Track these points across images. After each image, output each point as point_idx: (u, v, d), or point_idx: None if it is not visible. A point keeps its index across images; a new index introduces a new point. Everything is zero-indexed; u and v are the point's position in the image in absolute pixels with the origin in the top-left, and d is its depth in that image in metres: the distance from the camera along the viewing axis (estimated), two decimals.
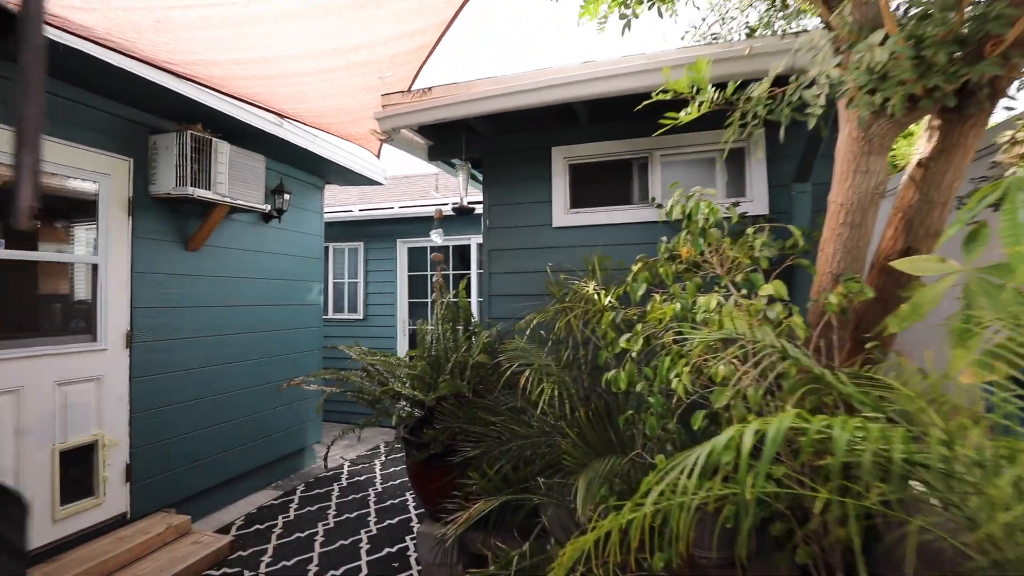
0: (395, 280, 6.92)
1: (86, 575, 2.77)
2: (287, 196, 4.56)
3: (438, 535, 2.43)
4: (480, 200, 3.86)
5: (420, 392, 2.96)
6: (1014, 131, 2.11)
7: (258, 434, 4.39)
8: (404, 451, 3.20)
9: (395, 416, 3.11)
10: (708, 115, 2.17)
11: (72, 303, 3.22)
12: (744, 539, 0.83)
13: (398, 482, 4.58)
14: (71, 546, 2.96)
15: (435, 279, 3.56)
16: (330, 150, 4.62)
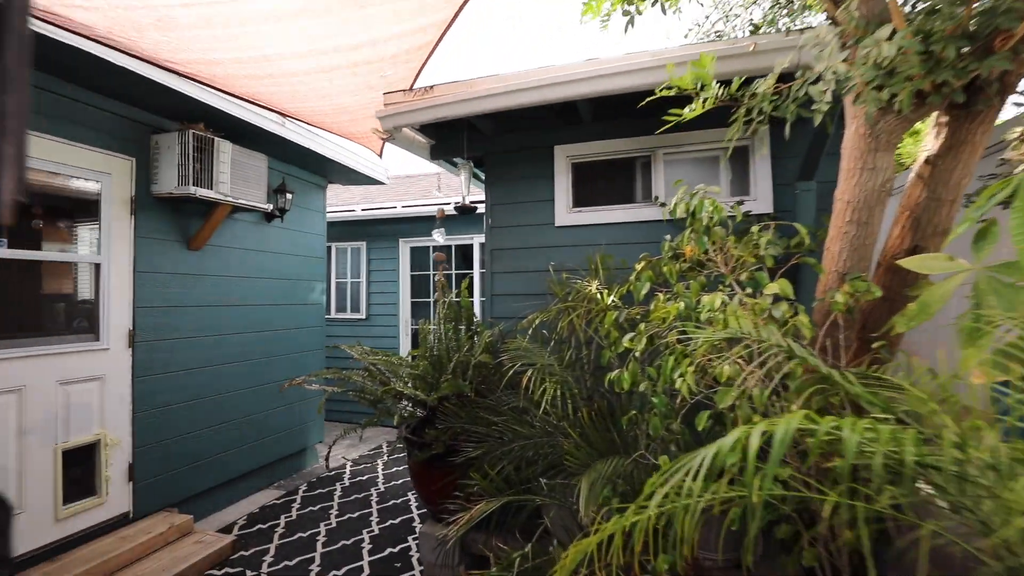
0: (397, 280, 6.91)
1: (89, 574, 2.77)
2: (289, 195, 4.56)
3: (440, 536, 2.41)
4: (482, 199, 3.85)
5: (422, 392, 2.95)
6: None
7: (260, 434, 4.39)
8: (406, 451, 3.18)
9: (397, 416, 3.10)
10: (712, 113, 2.15)
11: (74, 302, 3.23)
12: (751, 544, 0.81)
13: (400, 482, 4.57)
14: (74, 545, 2.96)
15: (437, 278, 3.55)
16: (332, 149, 4.62)
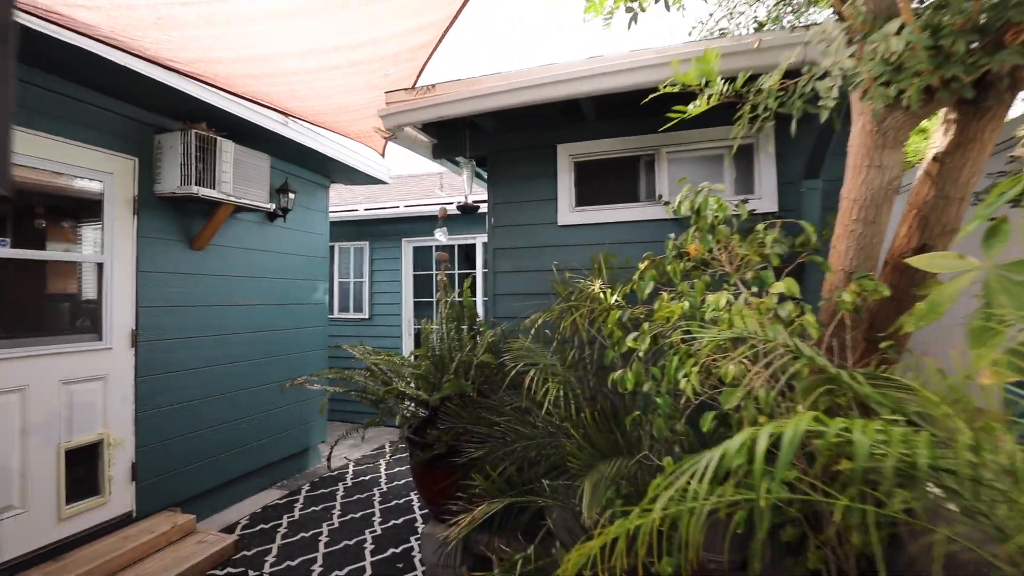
0: (400, 280, 6.91)
1: (92, 574, 2.77)
2: (292, 195, 4.55)
3: (442, 537, 2.40)
4: (485, 199, 3.84)
5: (424, 392, 2.94)
6: None
7: (263, 433, 4.39)
8: (408, 451, 3.17)
9: (399, 416, 3.09)
10: (716, 111, 2.13)
11: (77, 302, 3.23)
12: (758, 549, 0.80)
13: (403, 482, 4.56)
14: (77, 545, 2.96)
15: (440, 278, 3.53)
16: (335, 149, 4.61)
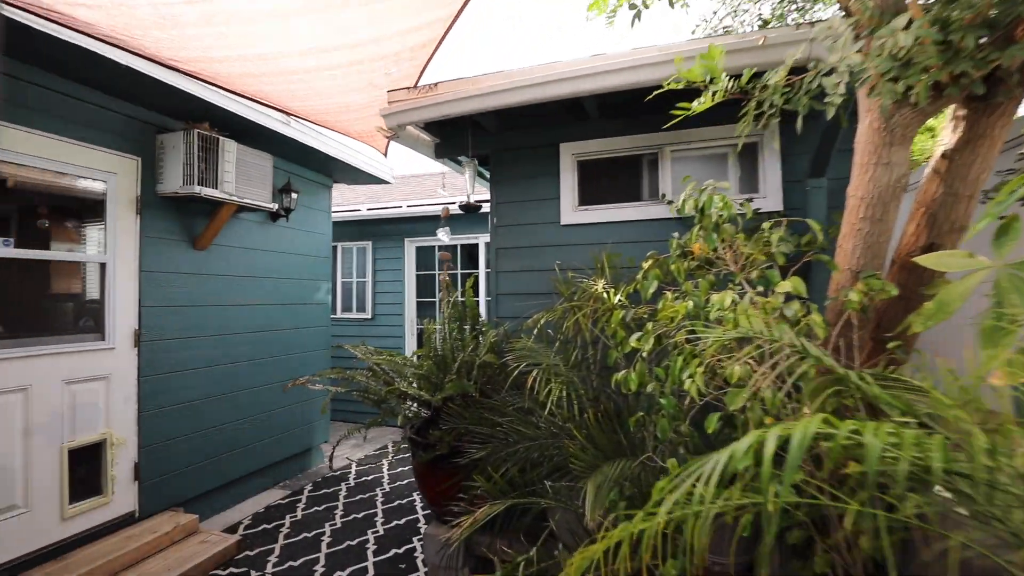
0: (403, 279, 6.91)
1: (94, 573, 2.77)
2: (294, 195, 4.55)
3: (444, 538, 2.39)
4: (488, 198, 3.82)
5: (426, 392, 2.93)
6: None
7: (266, 433, 4.39)
8: (411, 451, 3.16)
9: (401, 416, 3.08)
10: (720, 110, 2.10)
11: (80, 302, 3.23)
12: (767, 553, 0.78)
13: (406, 482, 4.55)
14: (80, 544, 2.96)
15: (442, 278, 3.52)
16: (337, 148, 4.61)
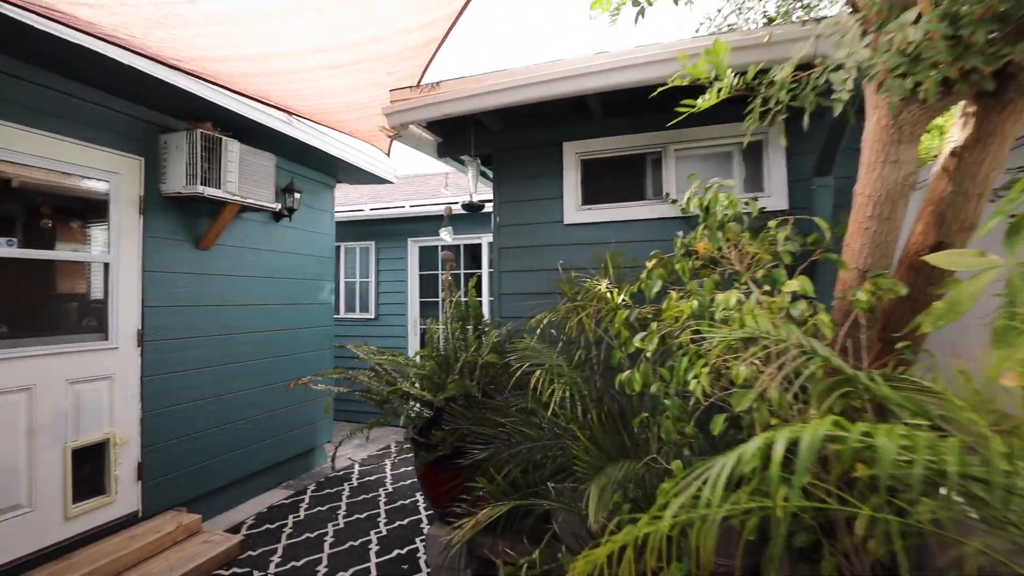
0: (406, 279, 6.90)
1: (98, 573, 2.77)
2: (298, 195, 4.55)
3: (446, 539, 2.37)
4: (490, 198, 3.81)
5: (429, 392, 2.91)
6: None
7: (269, 433, 4.39)
8: (413, 452, 3.15)
9: (403, 416, 3.06)
10: (725, 108, 2.08)
11: (84, 302, 3.23)
12: (777, 556, 0.76)
13: (408, 482, 4.54)
14: (83, 544, 2.97)
15: (444, 278, 3.51)
16: (340, 148, 4.60)
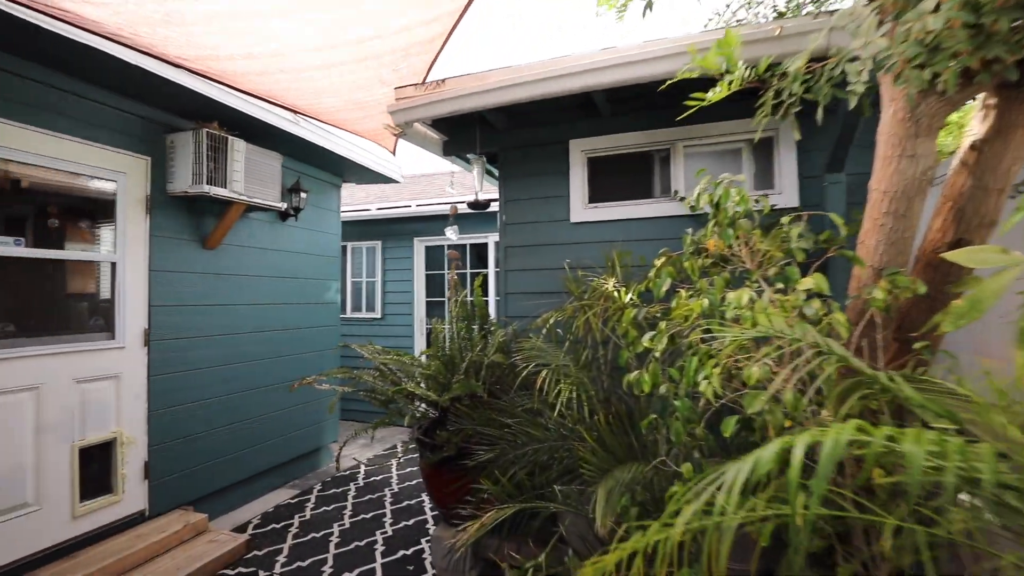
0: (412, 279, 6.89)
1: (104, 572, 2.77)
2: (304, 194, 4.55)
3: (448, 543, 2.35)
4: (496, 197, 3.78)
5: (434, 392, 2.89)
6: None
7: (275, 433, 4.39)
8: (418, 452, 3.13)
9: (409, 416, 3.05)
10: (734, 104, 2.04)
11: (91, 301, 3.24)
12: (799, 563, 0.72)
13: (414, 483, 4.52)
14: (90, 543, 2.97)
15: (450, 277, 3.49)
16: (346, 147, 4.60)
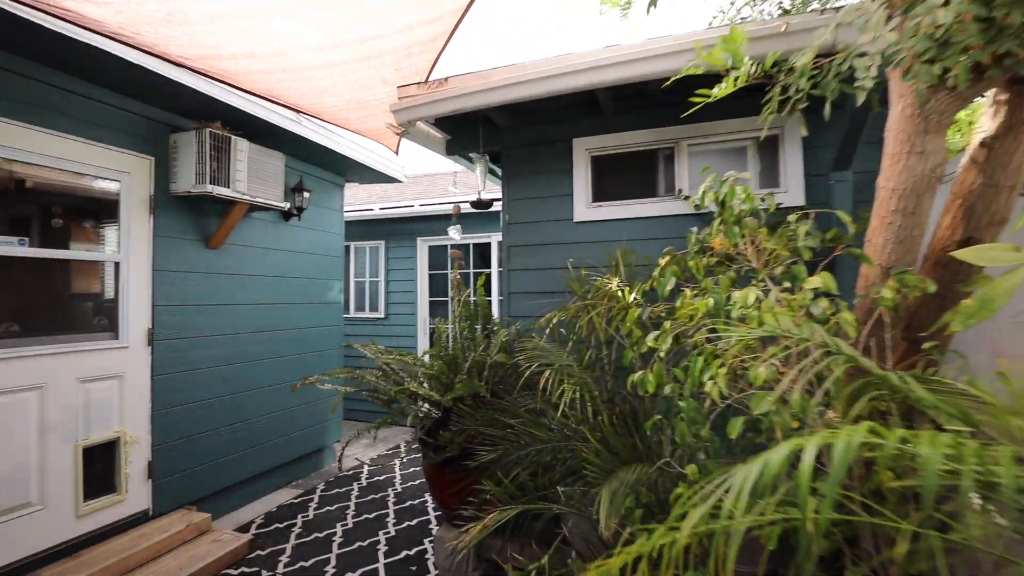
0: (416, 279, 6.89)
1: (108, 571, 2.78)
2: (307, 194, 4.54)
3: (449, 545, 2.33)
4: (500, 196, 3.77)
5: (437, 392, 2.88)
6: None
7: (278, 432, 4.39)
8: (421, 452, 3.12)
9: (411, 416, 3.03)
10: (739, 102, 2.01)
11: (95, 301, 3.25)
12: (810, 570, 0.70)
13: (418, 482, 4.52)
14: (94, 542, 2.98)
15: (453, 276, 3.48)
16: (349, 147, 4.59)
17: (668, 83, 2.01)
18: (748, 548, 1.71)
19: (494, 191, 4.75)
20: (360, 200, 7.74)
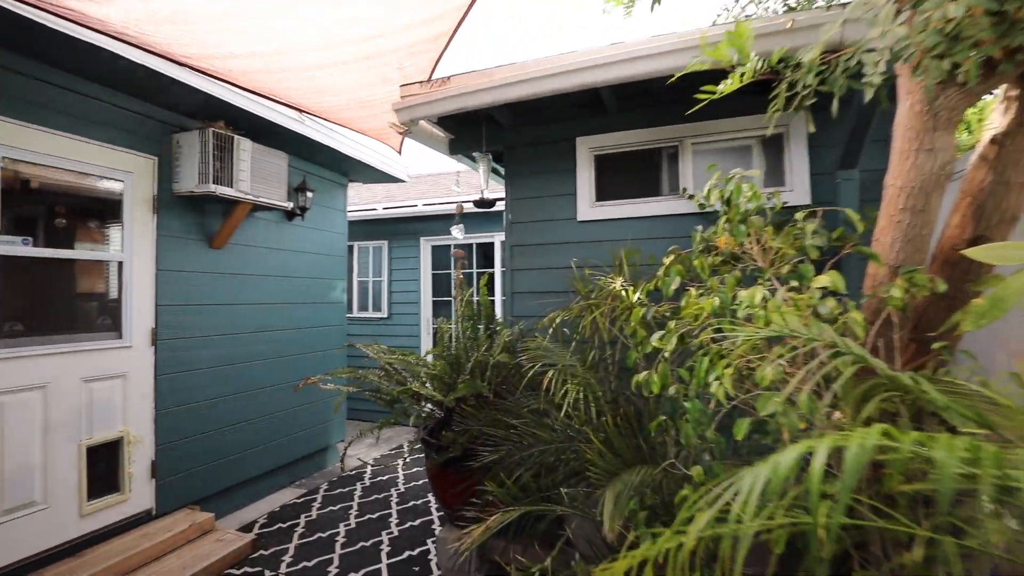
0: (419, 279, 6.89)
1: (111, 570, 2.78)
2: (310, 194, 4.54)
3: (452, 546, 2.32)
4: (503, 196, 3.76)
5: (439, 392, 2.87)
6: None
7: (281, 432, 4.39)
8: (424, 453, 3.11)
9: (414, 417, 3.02)
10: (744, 101, 1.99)
11: (98, 301, 3.25)
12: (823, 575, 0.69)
13: (421, 482, 4.51)
14: (97, 541, 2.98)
15: (456, 276, 3.47)
16: (352, 147, 4.59)
17: (673, 79, 1.99)
18: (754, 551, 1.69)
19: (497, 190, 4.73)
20: (363, 200, 7.74)
